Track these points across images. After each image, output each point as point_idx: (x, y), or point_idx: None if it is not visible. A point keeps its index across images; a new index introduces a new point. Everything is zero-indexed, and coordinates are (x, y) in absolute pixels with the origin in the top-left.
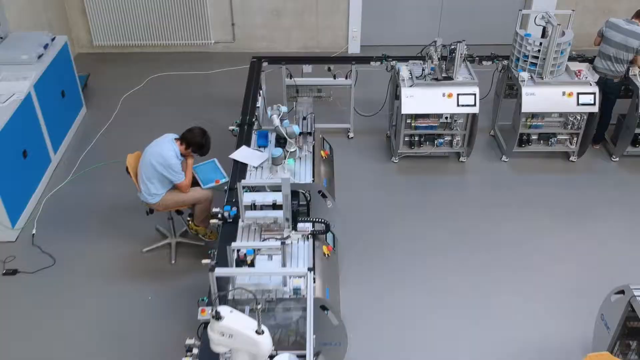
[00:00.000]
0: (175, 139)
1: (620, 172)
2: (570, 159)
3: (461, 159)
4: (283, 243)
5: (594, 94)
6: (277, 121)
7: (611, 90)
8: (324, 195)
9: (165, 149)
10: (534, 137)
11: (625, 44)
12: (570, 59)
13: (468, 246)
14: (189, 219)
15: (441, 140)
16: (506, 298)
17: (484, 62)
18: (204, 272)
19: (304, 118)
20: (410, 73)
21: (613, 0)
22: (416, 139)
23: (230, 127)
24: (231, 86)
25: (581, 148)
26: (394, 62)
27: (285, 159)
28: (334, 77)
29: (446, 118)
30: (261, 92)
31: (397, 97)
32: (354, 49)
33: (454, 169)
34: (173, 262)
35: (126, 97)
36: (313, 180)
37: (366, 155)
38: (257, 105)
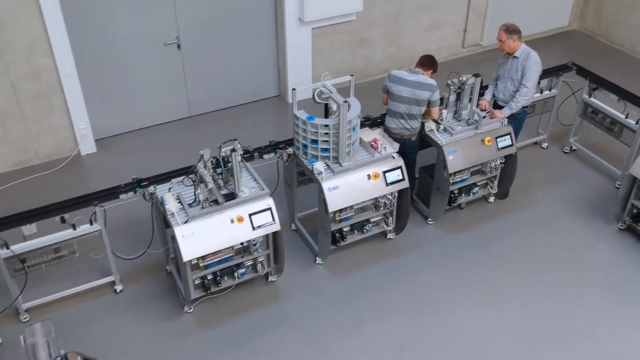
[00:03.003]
0: None
1: (441, 236)
2: (388, 237)
3: (270, 278)
4: None
5: (400, 167)
6: None
7: (411, 150)
8: None
9: None
10: (347, 228)
11: (415, 97)
12: None
13: None
14: None
15: (242, 271)
16: None
17: (266, 156)
18: None
19: None
20: (180, 201)
21: (365, 28)
22: (210, 277)
23: None
24: None
25: (398, 224)
26: (152, 187)
27: None
28: (74, 227)
29: (242, 244)
30: None
31: (167, 225)
32: (88, 148)
33: (266, 295)
34: None
35: None
36: None
37: (147, 313)
38: None
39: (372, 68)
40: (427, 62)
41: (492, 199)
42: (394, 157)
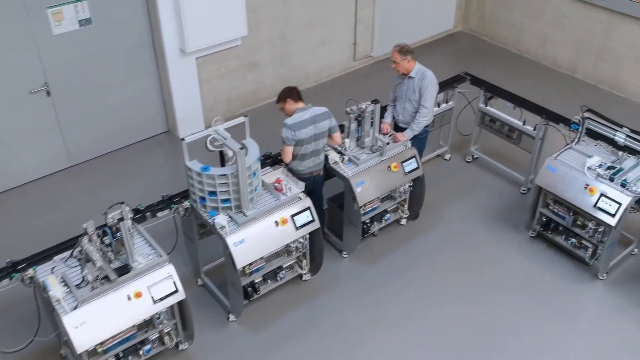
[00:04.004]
0: None
1: (358, 268)
2: (304, 278)
3: (181, 347)
4: None
5: (309, 208)
6: None
7: (318, 185)
8: None
9: None
10: (259, 279)
11: (318, 131)
12: None
13: None
14: None
15: (148, 347)
16: None
17: (160, 214)
18: None
19: None
20: (66, 283)
21: (253, 52)
22: None
23: None
24: None
25: (313, 264)
26: (31, 269)
27: None
28: None
29: (144, 319)
30: None
31: (54, 309)
32: None
33: None
34: None
35: None
36: None
37: None
38: None
39: (264, 92)
40: (298, 92)
41: (404, 221)
42: (300, 198)
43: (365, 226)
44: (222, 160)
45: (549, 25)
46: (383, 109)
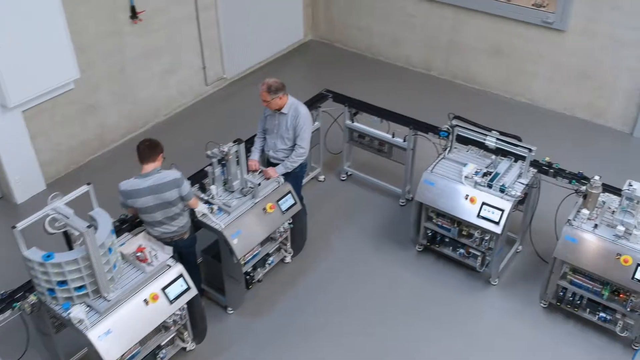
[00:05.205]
0: None
1: (246, 324)
2: (188, 349)
3: None
4: None
5: (181, 275)
6: None
7: (188, 248)
8: None
9: None
10: None
11: (165, 200)
12: None
13: None
14: None
15: None
16: None
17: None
18: None
19: None
20: None
21: (90, 93)
22: None
23: None
24: None
25: (196, 331)
26: None
27: None
28: None
29: None
30: None
31: None
32: None
33: None
34: None
35: None
36: None
37: None
38: None
39: (109, 134)
40: (153, 150)
41: (288, 259)
42: (169, 265)
43: (248, 276)
44: (68, 239)
45: (398, 26)
46: (248, 142)
